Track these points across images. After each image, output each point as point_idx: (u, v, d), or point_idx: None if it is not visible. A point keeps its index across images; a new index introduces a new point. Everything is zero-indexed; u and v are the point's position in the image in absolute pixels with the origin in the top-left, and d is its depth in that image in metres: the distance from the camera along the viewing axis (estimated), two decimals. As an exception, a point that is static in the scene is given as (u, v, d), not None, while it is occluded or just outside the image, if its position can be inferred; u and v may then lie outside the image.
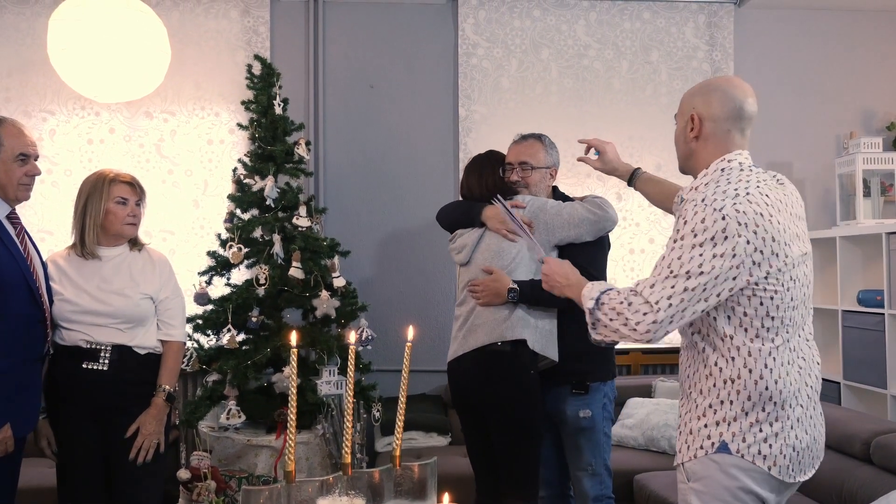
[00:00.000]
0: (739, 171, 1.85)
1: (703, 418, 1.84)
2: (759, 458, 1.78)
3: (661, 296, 1.76)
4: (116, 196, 2.70)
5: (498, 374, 2.66)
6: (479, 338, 2.69)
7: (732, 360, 1.81)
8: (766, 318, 1.79)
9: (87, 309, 2.63)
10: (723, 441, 1.80)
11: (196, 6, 4.49)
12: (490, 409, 2.69)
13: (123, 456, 2.65)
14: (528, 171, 2.88)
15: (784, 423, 1.79)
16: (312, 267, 3.56)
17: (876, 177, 4.45)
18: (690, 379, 1.90)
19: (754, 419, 1.79)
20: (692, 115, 1.92)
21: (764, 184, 1.83)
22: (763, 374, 1.78)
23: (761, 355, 1.79)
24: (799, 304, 1.83)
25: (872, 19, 4.83)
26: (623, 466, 3.61)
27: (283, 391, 3.45)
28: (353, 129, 4.60)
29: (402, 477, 1.68)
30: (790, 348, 1.82)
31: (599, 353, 2.83)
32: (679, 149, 2.01)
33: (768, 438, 1.78)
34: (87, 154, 4.39)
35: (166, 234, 4.42)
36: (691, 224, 1.76)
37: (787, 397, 1.80)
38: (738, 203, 1.75)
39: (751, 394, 1.79)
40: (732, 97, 1.89)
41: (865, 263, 4.27)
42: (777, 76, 4.79)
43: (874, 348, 3.94)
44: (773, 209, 1.78)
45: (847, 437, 3.11)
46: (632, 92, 4.66)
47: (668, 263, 1.78)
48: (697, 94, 1.95)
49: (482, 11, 4.61)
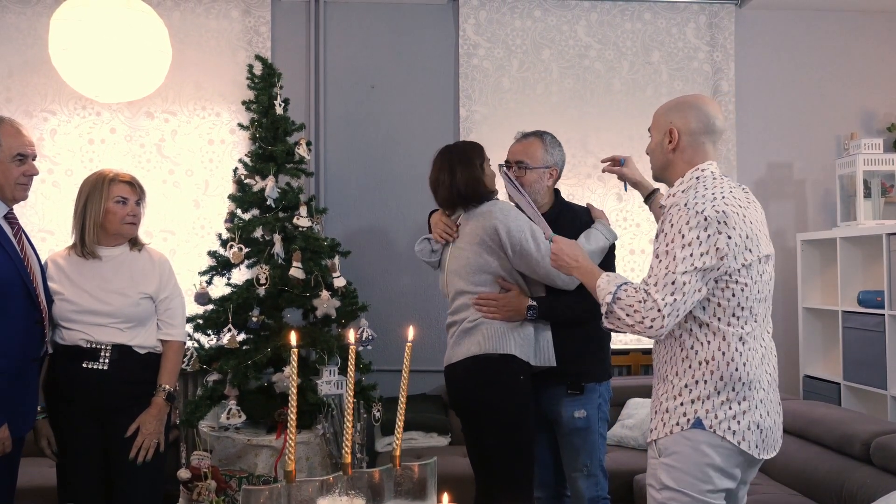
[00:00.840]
0: (713, 179, 2.07)
1: (679, 398, 2.04)
2: (728, 433, 1.98)
3: (666, 294, 1.95)
4: (116, 196, 2.70)
5: (487, 380, 2.64)
6: (470, 348, 2.67)
7: (708, 344, 2.01)
8: (737, 308, 2.00)
9: (87, 308, 2.63)
10: (697, 417, 2.00)
11: (197, 6, 4.49)
12: (482, 414, 2.68)
13: (123, 455, 2.65)
14: (523, 171, 2.84)
15: (751, 403, 2.00)
16: (313, 267, 3.57)
17: (876, 178, 4.45)
18: (668, 364, 2.09)
19: (725, 398, 1.99)
20: (670, 129, 2.12)
21: (735, 189, 2.06)
22: (734, 357, 1.99)
23: (733, 339, 2.00)
24: (763, 298, 2.05)
25: (873, 20, 4.84)
26: (623, 466, 3.61)
27: (284, 391, 3.45)
28: (354, 130, 4.60)
29: (402, 477, 1.68)
30: (754, 336, 2.03)
31: (595, 353, 2.84)
32: (655, 159, 2.20)
33: (737, 416, 1.99)
34: (88, 154, 4.40)
35: (167, 233, 4.43)
36: (678, 226, 1.98)
37: (753, 380, 2.01)
38: (716, 204, 1.97)
39: (723, 374, 1.99)
40: (707, 114, 2.11)
41: (866, 264, 4.27)
42: (778, 77, 4.79)
43: (874, 349, 3.94)
44: (745, 210, 2.02)
45: (847, 437, 3.11)
46: (632, 92, 4.66)
47: (665, 265, 1.97)
48: (673, 111, 2.15)
49: (483, 12, 4.61)
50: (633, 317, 1.97)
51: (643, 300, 1.96)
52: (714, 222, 1.95)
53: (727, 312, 2.00)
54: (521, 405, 2.64)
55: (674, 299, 1.94)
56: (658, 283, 1.96)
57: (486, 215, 2.69)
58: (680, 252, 1.95)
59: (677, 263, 1.95)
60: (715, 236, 1.94)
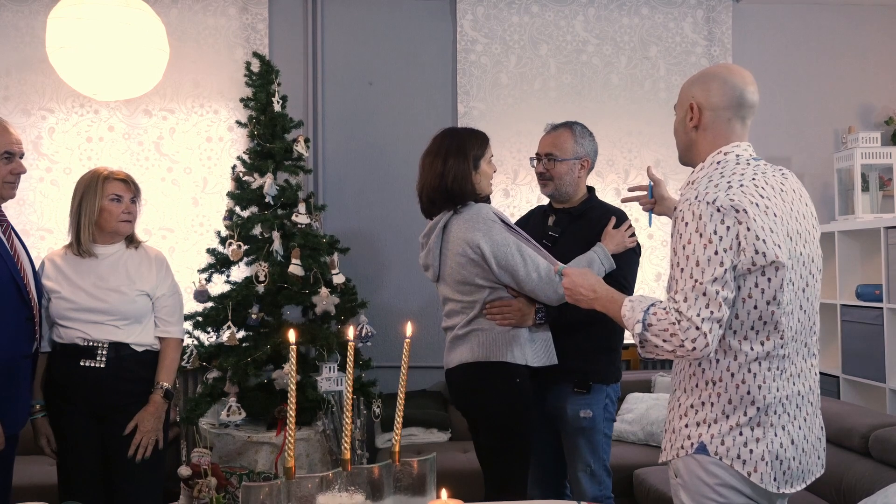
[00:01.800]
0: (735, 165, 1.81)
1: (685, 417, 1.82)
2: (737, 462, 1.75)
3: (700, 307, 1.69)
4: (111, 193, 2.70)
5: (481, 387, 2.60)
6: (463, 355, 2.62)
7: (717, 362, 1.78)
8: (757, 321, 1.74)
9: (84, 306, 2.64)
10: (701, 442, 1.78)
11: (194, 3, 4.49)
12: (478, 417, 2.67)
13: (122, 453, 2.65)
14: (553, 163, 2.76)
15: (766, 430, 1.75)
16: (312, 264, 3.57)
17: (874, 171, 4.45)
18: (678, 377, 1.89)
19: (735, 423, 1.76)
20: (691, 104, 1.88)
21: (762, 176, 1.78)
22: (745, 379, 1.75)
23: (746, 360, 1.75)
24: (795, 309, 1.77)
25: (870, 13, 4.83)
26: (623, 461, 3.62)
27: (283, 388, 3.46)
28: (352, 126, 4.60)
29: (402, 473, 1.69)
30: (782, 356, 1.77)
31: (605, 353, 2.78)
32: (679, 139, 1.96)
33: (748, 443, 1.75)
34: (87, 152, 4.40)
35: (166, 231, 4.43)
36: (693, 224, 1.72)
37: (772, 402, 1.75)
38: (731, 193, 1.71)
39: (731, 397, 1.76)
40: (733, 85, 1.85)
41: (864, 258, 4.27)
42: (775, 71, 4.79)
43: (873, 342, 3.95)
44: (768, 201, 1.74)
45: (846, 430, 3.12)
46: (630, 87, 4.66)
47: (689, 273, 1.71)
48: (696, 83, 1.90)
49: (480, 7, 4.61)
50: (671, 342, 1.71)
51: (677, 321, 1.70)
52: (731, 213, 1.68)
53: (745, 326, 1.74)
54: (517, 409, 2.58)
55: (710, 312, 1.68)
56: (688, 298, 1.69)
57: (469, 225, 2.54)
58: (703, 254, 1.69)
59: (703, 269, 1.69)
60: (735, 227, 1.68)
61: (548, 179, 2.79)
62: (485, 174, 2.64)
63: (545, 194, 2.86)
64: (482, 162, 2.62)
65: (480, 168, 2.62)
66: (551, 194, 2.85)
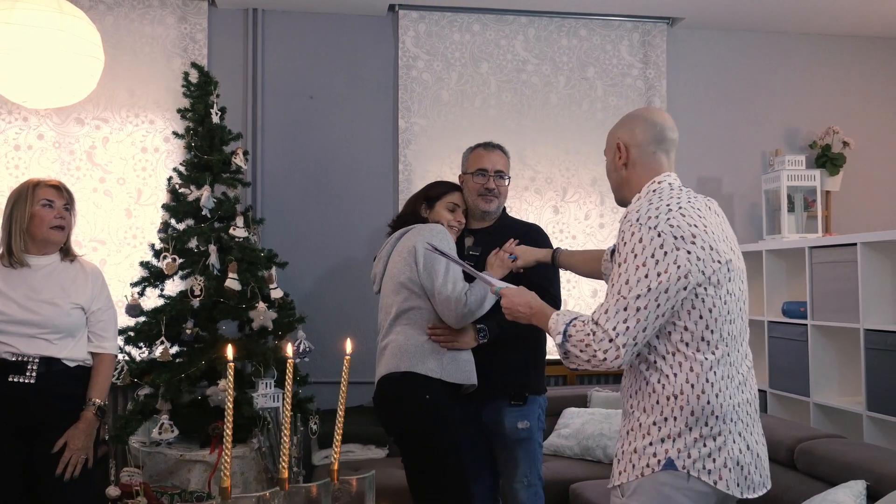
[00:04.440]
0: (670, 191, 1.92)
1: (648, 436, 1.85)
2: (703, 472, 1.80)
3: (617, 321, 1.78)
4: (42, 199, 2.64)
5: (395, 397, 2.62)
6: (380, 369, 2.67)
7: (675, 377, 1.84)
8: (706, 332, 1.83)
9: (15, 318, 2.55)
10: (668, 458, 1.82)
11: (131, 11, 4.40)
12: (394, 434, 2.69)
13: (50, 472, 2.57)
14: (504, 180, 2.89)
15: (727, 437, 1.83)
16: (249, 278, 3.52)
17: (799, 193, 4.63)
18: (633, 398, 1.92)
19: (698, 434, 1.82)
20: (618, 144, 2.01)
21: (695, 200, 1.91)
22: (704, 389, 1.82)
23: (703, 369, 1.82)
24: (736, 318, 1.88)
25: (796, 41, 5.04)
26: (559, 476, 3.65)
27: (218, 404, 3.40)
28: (292, 140, 4.57)
29: (340, 491, 1.68)
30: (729, 363, 1.86)
31: (536, 366, 2.87)
32: (612, 180, 2.08)
33: (712, 453, 1.81)
34: (14, 161, 4.26)
35: (97, 243, 4.31)
36: (630, 245, 1.81)
37: (728, 411, 1.83)
38: (671, 218, 1.81)
39: (693, 409, 1.82)
40: (653, 122, 2.00)
41: (790, 276, 4.43)
42: (707, 94, 4.95)
43: (798, 358, 4.09)
44: (706, 221, 1.85)
45: (773, 443, 3.18)
46: (569, 107, 4.75)
47: (617, 290, 1.80)
48: (620, 126, 2.05)
49: (422, 24, 4.64)
50: (586, 352, 1.81)
51: (592, 332, 1.80)
52: (670, 237, 1.78)
53: (695, 337, 1.83)
54: (431, 423, 2.56)
55: (626, 327, 1.77)
56: (609, 311, 1.79)
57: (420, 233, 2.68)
58: (634, 275, 1.78)
59: (630, 287, 1.77)
60: (673, 253, 1.77)
61: (495, 196, 2.86)
62: (438, 214, 2.81)
63: (488, 210, 2.89)
64: (437, 203, 2.82)
65: (435, 207, 2.82)
66: (491, 211, 2.89)
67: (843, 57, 5.08)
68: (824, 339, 4.00)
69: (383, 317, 2.74)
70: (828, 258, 3.90)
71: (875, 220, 4.96)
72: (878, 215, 5.00)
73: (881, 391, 3.54)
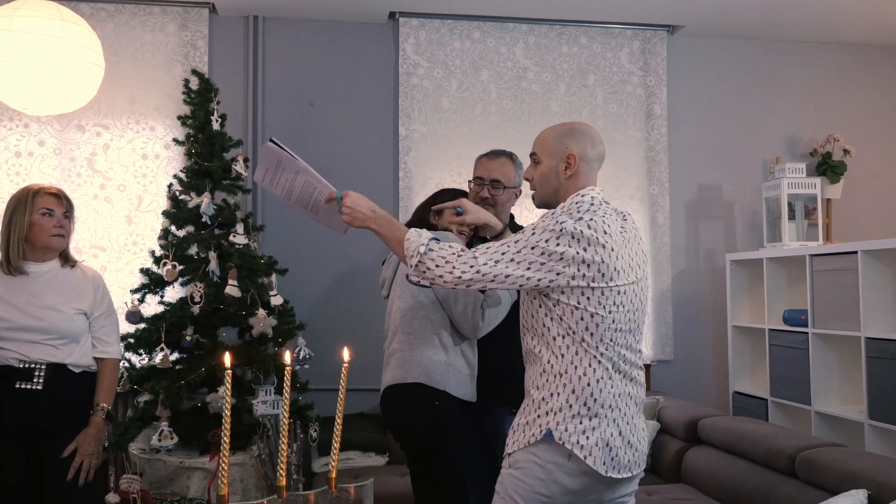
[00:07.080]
0: (590, 205, 2.07)
1: (538, 410, 2.02)
2: (576, 447, 1.95)
3: (489, 258, 1.96)
4: (42, 208, 2.64)
5: (401, 406, 2.62)
6: (386, 378, 2.67)
7: (562, 357, 2.00)
8: (585, 333, 1.98)
9: (20, 325, 2.56)
10: (548, 429, 1.97)
11: (132, 19, 4.41)
12: (402, 440, 2.68)
13: (53, 478, 2.58)
14: (500, 190, 2.81)
15: (601, 420, 1.97)
16: (249, 285, 3.52)
17: (800, 200, 4.62)
18: (530, 379, 2.09)
19: (577, 412, 1.97)
20: (569, 156, 2.12)
21: (609, 216, 2.05)
22: (586, 372, 1.98)
23: (586, 356, 1.99)
24: (623, 327, 2.02)
25: (797, 49, 5.05)
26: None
27: (218, 411, 3.39)
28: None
29: (338, 499, 1.67)
30: (613, 363, 2.01)
31: None
32: (549, 185, 2.16)
33: (586, 431, 1.96)
34: (15, 167, 4.26)
35: (97, 250, 4.31)
36: (536, 224, 1.98)
37: (607, 398, 1.99)
38: (578, 224, 1.97)
39: (574, 388, 1.98)
40: (599, 141, 2.18)
41: (790, 284, 4.42)
42: (708, 102, 4.95)
43: (799, 366, 4.08)
44: (609, 237, 1.99)
45: (773, 452, 3.20)
46: (569, 114, 4.75)
47: (505, 241, 1.99)
48: (569, 137, 2.15)
49: (423, 32, 4.64)
50: (442, 267, 1.97)
51: (459, 254, 1.98)
52: (567, 235, 1.95)
53: (578, 333, 1.98)
54: (438, 432, 2.57)
55: (495, 263, 1.95)
56: (490, 250, 1.97)
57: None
58: (525, 240, 1.96)
59: (517, 244, 1.96)
60: (564, 247, 1.94)
61: (490, 206, 2.81)
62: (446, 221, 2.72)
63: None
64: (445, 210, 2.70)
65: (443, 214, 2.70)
66: None
67: (843, 65, 5.08)
68: (825, 347, 3.99)
69: (390, 322, 2.74)
70: (828, 266, 3.90)
71: (876, 228, 4.96)
72: (879, 223, 5.00)
73: (883, 400, 3.53)
